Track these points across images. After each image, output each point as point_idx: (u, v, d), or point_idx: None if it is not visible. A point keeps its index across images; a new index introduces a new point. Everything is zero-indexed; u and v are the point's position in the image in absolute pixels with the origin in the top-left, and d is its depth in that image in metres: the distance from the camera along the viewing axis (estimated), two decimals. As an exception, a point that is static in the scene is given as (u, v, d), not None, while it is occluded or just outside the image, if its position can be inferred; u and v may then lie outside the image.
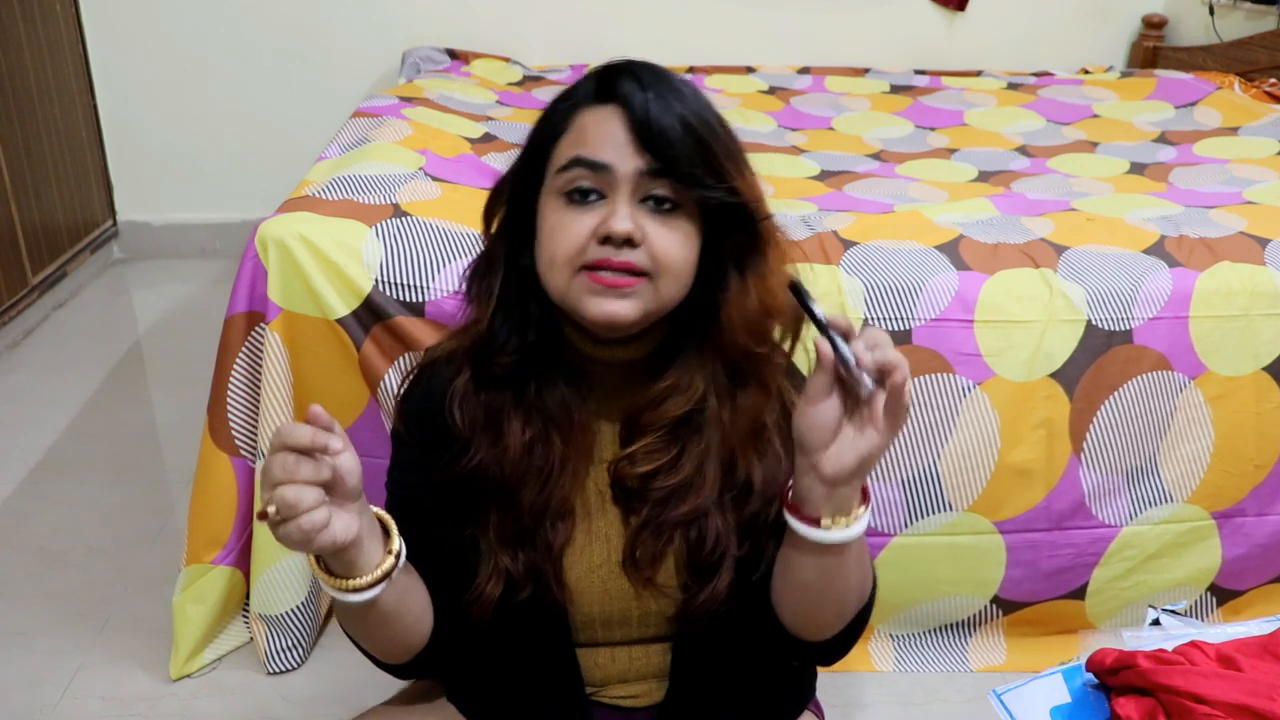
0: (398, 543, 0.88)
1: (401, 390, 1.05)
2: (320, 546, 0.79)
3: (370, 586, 0.85)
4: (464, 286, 1.00)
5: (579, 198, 0.89)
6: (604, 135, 0.89)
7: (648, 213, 0.89)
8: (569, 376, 0.97)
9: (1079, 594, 1.76)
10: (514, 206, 0.96)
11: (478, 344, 0.97)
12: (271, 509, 0.76)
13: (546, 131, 0.93)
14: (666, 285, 0.90)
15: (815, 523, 0.85)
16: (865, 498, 0.87)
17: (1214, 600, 1.82)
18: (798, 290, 0.84)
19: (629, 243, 0.88)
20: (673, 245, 0.89)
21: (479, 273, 0.99)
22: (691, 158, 0.88)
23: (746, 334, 0.93)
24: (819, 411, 0.82)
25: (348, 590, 0.85)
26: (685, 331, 0.96)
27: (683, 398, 0.94)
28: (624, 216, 0.87)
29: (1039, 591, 1.76)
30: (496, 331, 0.96)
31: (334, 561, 0.84)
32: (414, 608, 0.95)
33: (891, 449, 1.66)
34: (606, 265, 0.88)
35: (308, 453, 0.77)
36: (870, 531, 1.71)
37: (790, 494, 0.88)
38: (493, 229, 0.99)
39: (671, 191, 0.89)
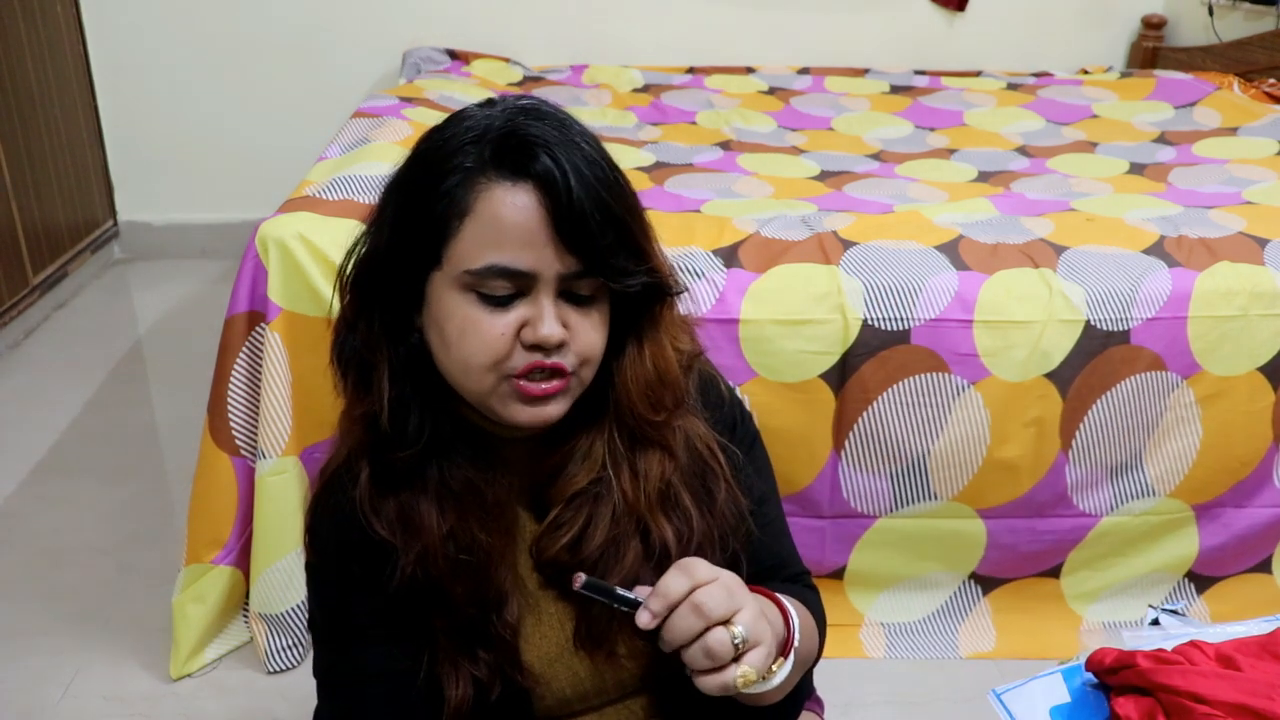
0: None
1: (307, 520, 0.95)
2: None
3: None
4: (337, 369, 0.89)
5: (494, 301, 0.81)
6: (522, 232, 0.79)
7: (568, 305, 0.83)
8: (471, 454, 0.90)
9: (1054, 573, 1.80)
10: (389, 283, 0.85)
11: (373, 439, 0.88)
12: None
13: (441, 209, 0.81)
14: (587, 374, 0.86)
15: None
16: (785, 651, 0.82)
17: (1193, 587, 1.84)
18: (593, 588, 0.79)
19: (558, 345, 0.82)
20: (594, 338, 0.85)
21: (354, 355, 0.88)
22: (616, 250, 0.82)
23: (642, 402, 0.89)
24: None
25: None
26: (585, 399, 0.89)
27: (583, 468, 0.90)
28: (552, 321, 0.81)
29: (1016, 570, 1.80)
30: (396, 424, 0.86)
31: None
32: None
33: (882, 445, 1.67)
34: (535, 370, 0.82)
35: None
36: (853, 514, 1.72)
37: None
38: (359, 305, 0.87)
39: (594, 288, 0.83)
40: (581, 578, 0.79)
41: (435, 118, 2.53)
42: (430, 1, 3.18)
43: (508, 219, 0.79)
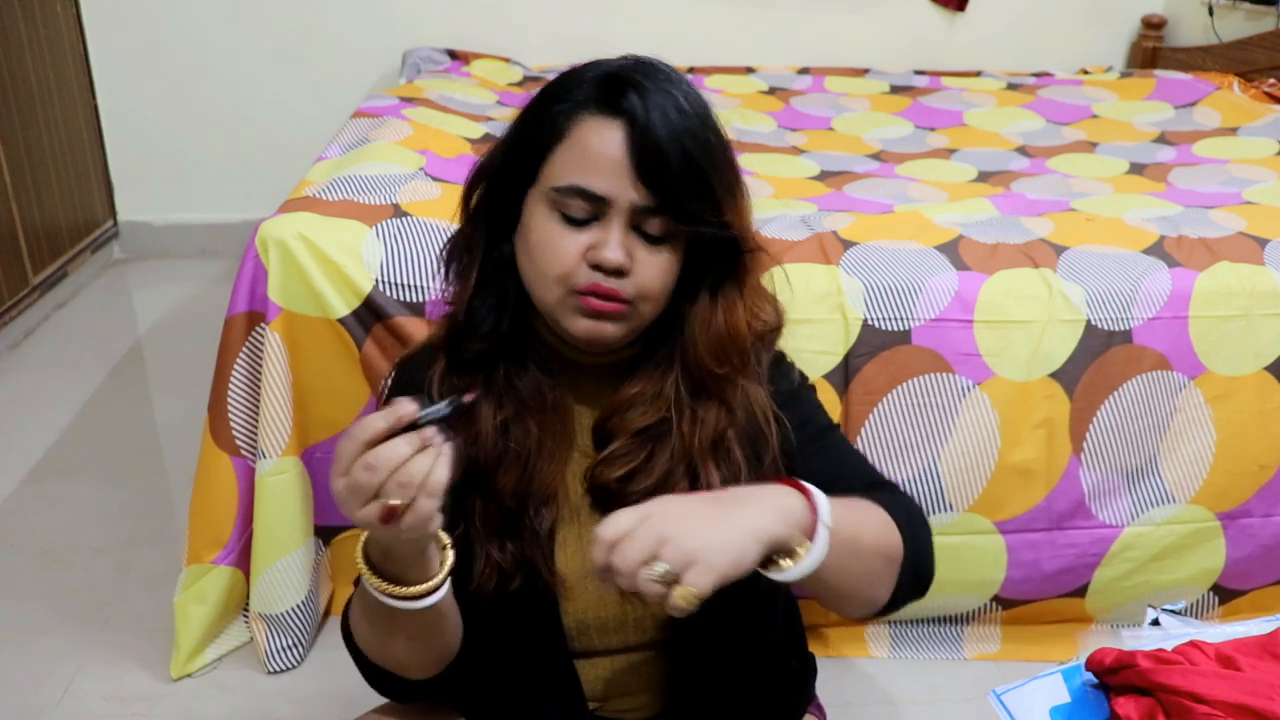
0: (446, 536, 0.87)
1: (385, 385, 1.06)
2: (422, 537, 0.80)
3: (442, 584, 0.86)
4: (442, 268, 1.01)
5: (572, 221, 0.90)
6: (604, 158, 0.88)
7: (638, 239, 0.90)
8: (540, 361, 0.98)
9: (1080, 592, 1.77)
10: (496, 194, 0.96)
11: (451, 330, 0.99)
12: (395, 500, 0.75)
13: (544, 132, 0.92)
14: (647, 309, 0.93)
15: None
16: (811, 533, 0.80)
17: (1215, 600, 1.82)
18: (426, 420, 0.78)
19: (618, 272, 0.89)
20: (658, 275, 0.91)
21: (456, 254, 0.99)
22: (689, 193, 0.89)
23: (708, 353, 0.95)
24: None
25: (422, 594, 0.85)
26: (656, 339, 0.97)
27: (650, 408, 0.96)
28: (616, 247, 0.89)
29: (1040, 591, 1.77)
30: (472, 316, 0.97)
31: (406, 565, 0.83)
32: (456, 610, 0.95)
33: (891, 450, 1.67)
34: (595, 291, 0.90)
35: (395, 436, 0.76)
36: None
37: None
38: (471, 210, 0.98)
39: (664, 229, 0.90)
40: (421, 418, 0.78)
41: (435, 117, 2.53)
42: (430, 1, 3.19)
43: (594, 147, 0.89)
